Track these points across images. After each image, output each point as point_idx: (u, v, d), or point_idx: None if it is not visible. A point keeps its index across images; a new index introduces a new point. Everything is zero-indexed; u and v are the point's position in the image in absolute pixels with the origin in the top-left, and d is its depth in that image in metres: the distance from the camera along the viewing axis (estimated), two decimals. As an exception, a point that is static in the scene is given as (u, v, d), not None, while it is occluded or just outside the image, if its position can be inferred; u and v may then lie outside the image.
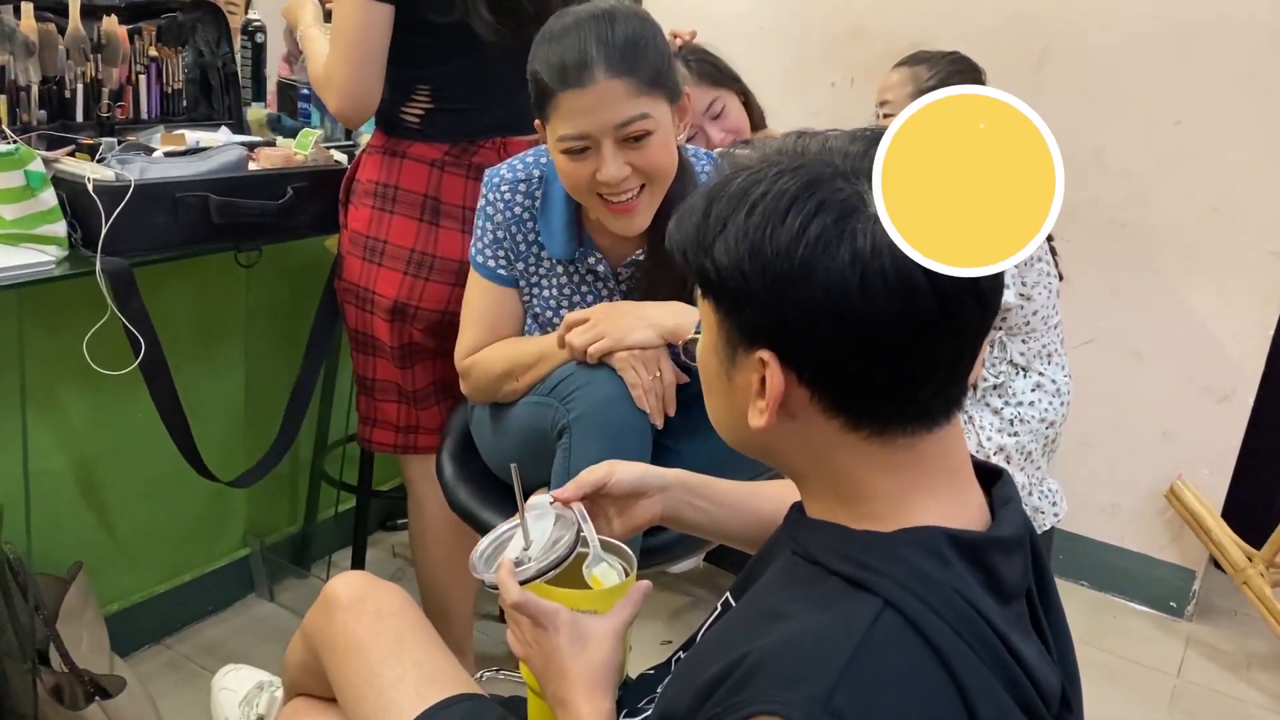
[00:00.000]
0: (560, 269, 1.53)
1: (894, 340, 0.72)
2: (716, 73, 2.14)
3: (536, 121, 1.42)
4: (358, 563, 2.17)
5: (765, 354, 0.74)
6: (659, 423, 1.41)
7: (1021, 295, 2.02)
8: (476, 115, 1.69)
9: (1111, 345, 2.50)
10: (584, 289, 1.53)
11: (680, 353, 1.40)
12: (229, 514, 2.19)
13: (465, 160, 1.71)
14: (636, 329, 1.40)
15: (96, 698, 1.65)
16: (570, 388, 1.39)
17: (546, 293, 1.54)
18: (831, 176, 0.73)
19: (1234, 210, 2.35)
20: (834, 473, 0.78)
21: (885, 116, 2.16)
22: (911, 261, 0.70)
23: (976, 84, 2.10)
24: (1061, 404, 2.10)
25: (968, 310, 0.73)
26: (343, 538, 2.33)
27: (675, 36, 2.13)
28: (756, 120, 2.21)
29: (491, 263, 1.54)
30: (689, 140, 2.00)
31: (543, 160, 1.52)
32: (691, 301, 1.50)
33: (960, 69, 2.12)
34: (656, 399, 1.39)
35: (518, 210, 1.51)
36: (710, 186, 0.78)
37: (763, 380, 0.75)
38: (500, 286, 1.54)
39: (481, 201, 1.54)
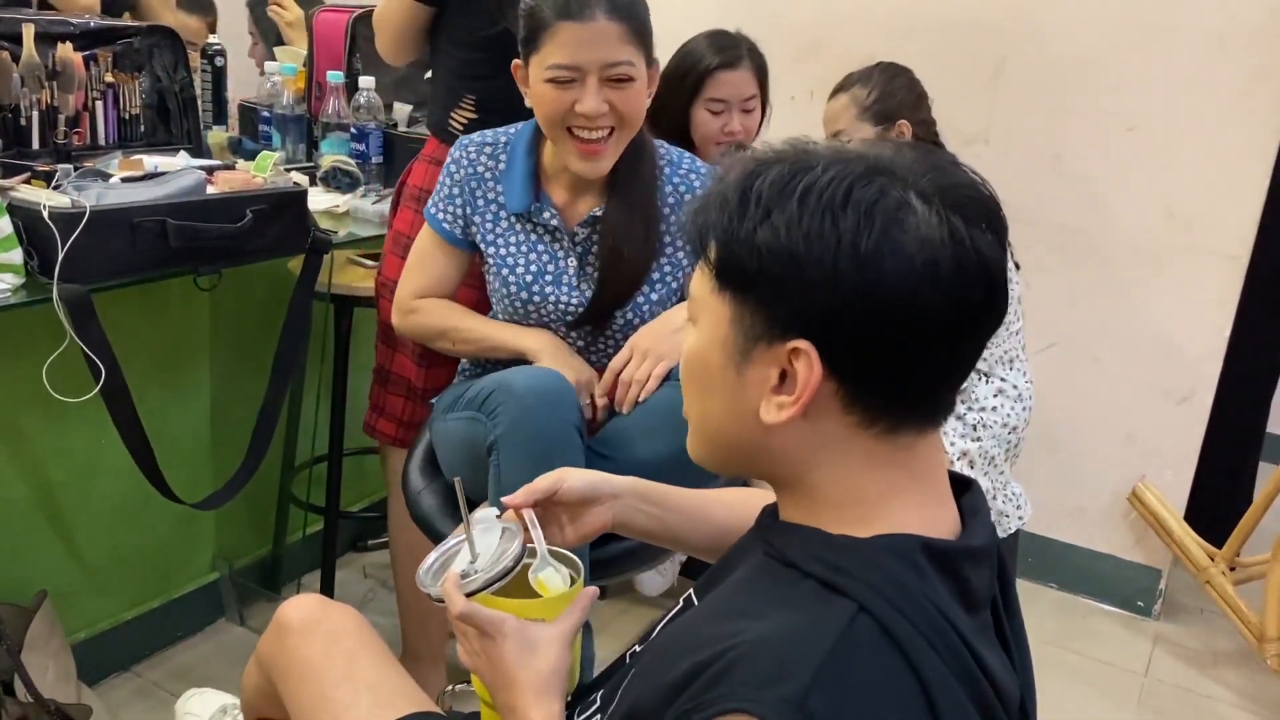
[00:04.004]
0: (519, 226, 1.60)
1: (939, 332, 0.74)
2: (764, 79, 2.21)
3: (516, 61, 1.52)
4: (327, 585, 2.17)
5: (802, 343, 0.73)
6: (625, 409, 1.48)
7: None
8: None
9: (1071, 350, 2.53)
10: (540, 247, 1.59)
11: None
12: (197, 539, 2.18)
13: None
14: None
15: (62, 727, 1.65)
16: (494, 404, 1.42)
17: (504, 250, 1.61)
18: (874, 173, 0.74)
19: (1188, 214, 2.39)
20: (825, 474, 0.79)
21: None
22: (966, 256, 0.72)
23: (911, 85, 2.14)
24: (1023, 409, 2.12)
25: (999, 310, 0.77)
26: (312, 560, 2.32)
27: None
28: (759, 134, 2.26)
29: (441, 215, 1.63)
30: (716, 116, 2.11)
31: (511, 131, 1.62)
32: (649, 263, 1.56)
33: (893, 74, 2.15)
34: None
35: (480, 169, 1.60)
36: (738, 176, 0.77)
37: (782, 374, 0.75)
38: (444, 241, 1.64)
39: (447, 161, 1.63)
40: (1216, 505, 2.54)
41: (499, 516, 1.03)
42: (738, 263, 0.75)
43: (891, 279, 0.71)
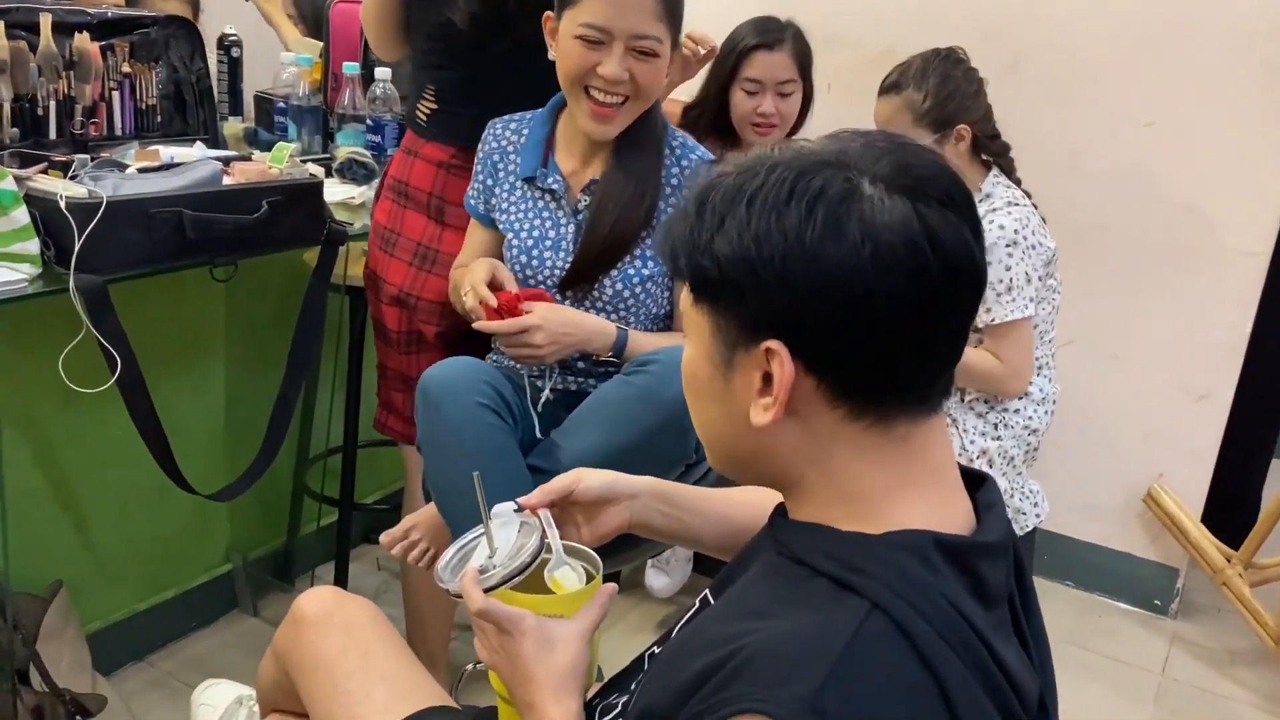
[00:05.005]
0: (528, 192, 1.64)
1: (903, 316, 0.73)
2: (806, 65, 2.19)
3: (547, 14, 1.55)
4: (340, 577, 2.17)
5: (773, 344, 0.74)
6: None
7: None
8: (473, 122, 1.75)
9: (1090, 347, 2.52)
10: (545, 213, 1.63)
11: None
12: (211, 530, 2.18)
13: (469, 165, 1.78)
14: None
15: (78, 717, 1.65)
16: (418, 408, 1.48)
17: (511, 216, 1.65)
18: (820, 166, 0.75)
19: (1208, 211, 2.37)
20: (827, 471, 0.79)
21: None
22: (917, 235, 0.72)
23: (969, 77, 2.08)
24: (1045, 412, 2.11)
25: (966, 286, 0.76)
26: (326, 552, 2.32)
27: (696, 44, 2.11)
28: (799, 125, 2.24)
29: (471, 194, 1.71)
30: (751, 96, 2.15)
31: (538, 111, 1.68)
32: (636, 229, 1.57)
33: (948, 70, 2.04)
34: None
35: (504, 144, 1.67)
36: (697, 191, 0.79)
37: (765, 376, 0.76)
38: (476, 221, 1.72)
39: (480, 145, 1.70)
40: (1234, 503, 2.52)
41: (517, 511, 1.02)
42: (704, 274, 0.77)
43: (840, 268, 0.72)
